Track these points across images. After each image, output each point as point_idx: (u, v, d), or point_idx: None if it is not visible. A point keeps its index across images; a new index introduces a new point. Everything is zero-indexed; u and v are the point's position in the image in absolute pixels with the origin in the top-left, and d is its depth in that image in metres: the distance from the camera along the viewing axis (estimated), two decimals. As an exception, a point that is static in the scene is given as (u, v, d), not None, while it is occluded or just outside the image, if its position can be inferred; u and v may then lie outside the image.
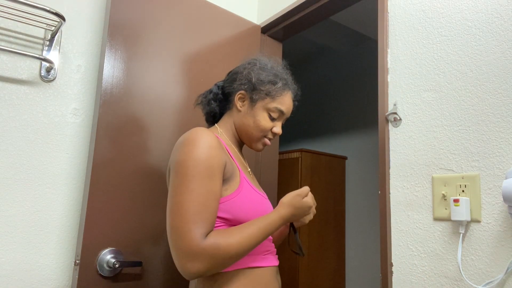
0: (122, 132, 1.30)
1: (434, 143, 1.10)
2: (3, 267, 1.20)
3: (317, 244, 2.84)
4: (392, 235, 1.16)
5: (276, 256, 1.09)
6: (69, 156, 1.35)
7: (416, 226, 1.11)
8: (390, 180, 1.20)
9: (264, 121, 1.09)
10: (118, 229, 1.26)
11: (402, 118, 1.19)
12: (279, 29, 1.79)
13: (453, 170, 1.04)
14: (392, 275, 1.15)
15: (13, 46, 1.28)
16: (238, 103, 1.11)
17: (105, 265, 1.21)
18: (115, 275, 1.23)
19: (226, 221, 0.96)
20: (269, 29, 1.83)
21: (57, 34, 1.33)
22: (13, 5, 1.24)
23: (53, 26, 1.32)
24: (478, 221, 0.98)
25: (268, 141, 1.13)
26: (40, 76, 1.32)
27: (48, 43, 1.33)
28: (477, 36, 1.04)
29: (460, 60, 1.07)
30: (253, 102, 1.09)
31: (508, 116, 0.95)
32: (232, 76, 1.15)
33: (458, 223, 1.00)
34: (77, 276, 1.17)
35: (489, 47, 1.01)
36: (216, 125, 1.15)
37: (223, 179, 0.97)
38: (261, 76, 1.10)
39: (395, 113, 1.20)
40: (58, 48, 1.36)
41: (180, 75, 1.48)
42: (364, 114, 3.08)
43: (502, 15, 1.00)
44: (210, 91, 1.20)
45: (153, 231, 1.33)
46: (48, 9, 1.21)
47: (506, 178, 0.90)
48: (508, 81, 0.96)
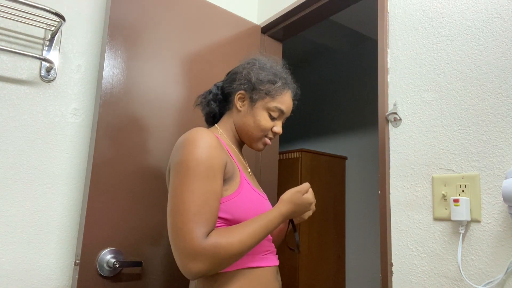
0: (122, 132, 1.30)
1: (434, 143, 1.10)
2: (3, 267, 1.20)
3: (317, 244, 2.84)
4: (392, 235, 1.16)
5: (276, 256, 1.09)
6: (69, 156, 1.35)
7: (416, 226, 1.11)
8: (390, 180, 1.20)
9: (265, 121, 1.09)
10: (118, 229, 1.26)
11: (402, 118, 1.19)
12: (279, 29, 1.79)
13: (453, 170, 1.04)
14: (392, 275, 1.15)
15: (13, 46, 1.28)
16: (238, 103, 1.11)
17: (105, 265, 1.21)
18: (115, 275, 1.23)
19: (226, 221, 0.96)
20: (269, 29, 1.83)
21: (57, 34, 1.33)
22: (13, 5, 1.25)
23: (53, 26, 1.32)
24: (478, 221, 0.98)
25: (269, 141, 1.13)
26: (40, 76, 1.32)
27: (48, 43, 1.33)
28: (477, 36, 1.04)
29: (460, 60, 1.07)
30: (253, 102, 1.09)
31: (508, 116, 0.95)
32: (232, 76, 1.15)
33: (458, 223, 1.00)
34: (77, 276, 1.17)
35: (489, 47, 1.01)
36: (216, 125, 1.15)
37: (224, 179, 0.97)
38: (261, 76, 1.09)
39: (395, 113, 1.20)
40: (58, 48, 1.36)
41: (180, 75, 1.48)
42: (364, 114, 3.08)
43: (502, 15, 1.00)
44: (210, 92, 1.20)
45: (153, 231, 1.33)
46: (48, 9, 1.21)
47: (506, 178, 0.90)
48: (508, 81, 0.96)
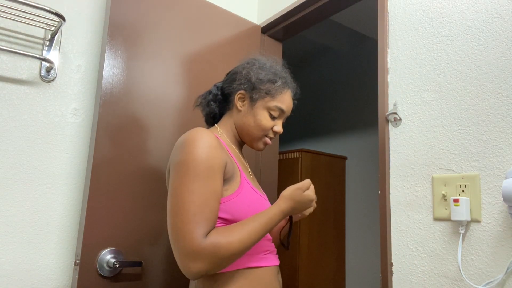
0: (122, 132, 1.30)
1: (434, 143, 1.10)
2: (3, 267, 1.20)
3: (317, 244, 2.84)
4: (392, 235, 1.16)
5: (277, 256, 1.09)
6: (69, 156, 1.35)
7: (416, 226, 1.11)
8: (390, 180, 1.20)
9: (265, 120, 1.09)
10: (118, 229, 1.26)
11: (402, 118, 1.19)
12: (279, 29, 1.79)
13: (453, 170, 1.04)
14: (392, 275, 1.15)
15: (13, 46, 1.28)
16: (238, 103, 1.11)
17: (105, 265, 1.21)
18: (115, 275, 1.23)
19: (226, 222, 0.96)
20: (269, 29, 1.83)
21: (57, 34, 1.33)
22: (13, 5, 1.25)
23: (53, 26, 1.32)
24: (478, 221, 0.98)
25: (269, 141, 1.13)
26: (40, 76, 1.32)
27: (48, 43, 1.33)
28: (477, 36, 1.04)
29: (460, 60, 1.07)
30: (253, 102, 1.09)
31: (508, 116, 0.95)
32: (231, 77, 1.15)
33: (458, 223, 1.00)
34: (77, 276, 1.17)
35: (489, 47, 1.01)
36: (216, 126, 1.15)
37: (224, 179, 0.97)
38: (261, 75, 1.09)
39: (395, 113, 1.20)
40: (58, 48, 1.36)
41: (180, 75, 1.48)
42: (364, 114, 3.08)
43: (502, 15, 1.00)
44: (209, 92, 1.20)
45: (153, 231, 1.33)
46: (48, 9, 1.21)
47: (506, 178, 0.90)
48: (508, 81, 0.96)
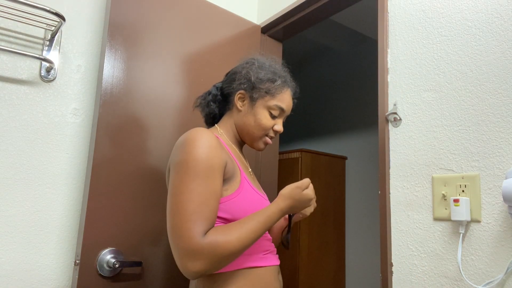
0: (122, 132, 1.30)
1: (434, 143, 1.10)
2: (3, 267, 1.20)
3: (317, 244, 2.84)
4: (392, 235, 1.16)
5: (277, 256, 1.08)
6: (69, 156, 1.35)
7: (416, 226, 1.11)
8: (390, 180, 1.20)
9: (265, 120, 1.09)
10: (118, 229, 1.26)
11: (402, 118, 1.19)
12: (279, 29, 1.79)
13: (453, 170, 1.04)
14: (392, 275, 1.15)
15: (13, 46, 1.28)
16: (238, 103, 1.11)
17: (105, 265, 1.21)
18: (115, 275, 1.23)
19: (226, 221, 0.96)
20: (269, 29, 1.83)
21: (57, 34, 1.33)
22: (13, 5, 1.25)
23: (53, 26, 1.32)
24: (478, 221, 0.98)
25: (270, 140, 1.13)
26: (40, 76, 1.32)
27: (48, 43, 1.33)
28: (477, 36, 1.04)
29: (460, 60, 1.07)
30: (253, 101, 1.10)
31: (508, 116, 0.95)
32: (231, 77, 1.15)
33: (458, 223, 1.00)
34: (77, 276, 1.17)
35: (489, 47, 1.01)
36: (216, 126, 1.15)
37: (224, 179, 0.97)
38: (260, 75, 1.10)
39: (395, 113, 1.20)
40: (58, 48, 1.36)
41: (180, 75, 1.48)
42: (364, 114, 3.08)
43: (502, 15, 1.00)
44: (209, 93, 1.20)
45: (153, 231, 1.33)
46: (48, 9, 1.21)
47: (506, 178, 0.90)
48: (508, 81, 0.96)
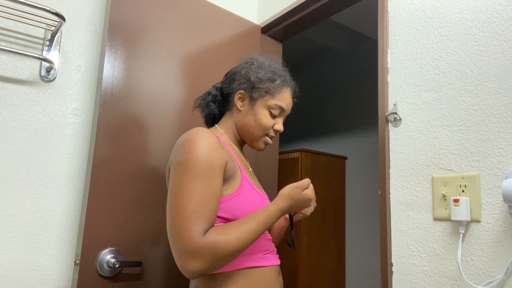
0: (122, 132, 1.30)
1: (434, 143, 1.10)
2: (3, 267, 1.20)
3: (317, 244, 2.84)
4: (392, 235, 1.16)
5: (277, 256, 1.08)
6: (69, 156, 1.35)
7: (416, 226, 1.11)
8: (390, 180, 1.20)
9: (265, 119, 1.09)
10: (118, 229, 1.26)
11: (402, 118, 1.19)
12: (279, 29, 1.79)
13: (453, 170, 1.04)
14: (392, 275, 1.15)
15: (13, 46, 1.28)
16: (238, 103, 1.11)
17: (105, 265, 1.21)
18: (115, 275, 1.23)
19: (226, 221, 0.96)
20: (269, 29, 1.83)
21: (57, 34, 1.33)
22: (13, 5, 1.25)
23: (53, 26, 1.32)
24: (478, 221, 0.98)
25: (270, 140, 1.13)
26: (40, 76, 1.32)
27: (48, 43, 1.33)
28: (477, 36, 1.04)
29: (460, 60, 1.07)
30: (253, 101, 1.10)
31: (508, 116, 0.95)
32: (231, 77, 1.15)
33: (458, 223, 1.00)
34: (77, 276, 1.17)
35: (489, 47, 1.01)
36: (216, 126, 1.15)
37: (224, 178, 0.97)
38: (260, 74, 1.10)
39: (395, 113, 1.20)
40: (58, 48, 1.36)
41: (180, 75, 1.48)
42: (364, 114, 3.08)
43: (502, 15, 1.00)
44: (209, 93, 1.20)
45: (153, 231, 1.33)
46: (48, 9, 1.21)
47: (506, 178, 0.90)
48: (508, 81, 0.96)
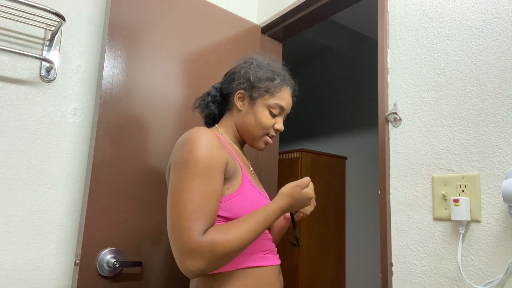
0: (122, 132, 1.30)
1: (434, 143, 1.10)
2: (3, 267, 1.20)
3: (317, 244, 2.84)
4: (392, 235, 1.16)
5: (277, 255, 1.09)
6: (69, 156, 1.35)
7: (416, 226, 1.11)
8: (390, 180, 1.20)
9: (266, 118, 1.09)
10: (118, 229, 1.26)
11: (402, 118, 1.19)
12: (279, 29, 1.79)
13: (453, 170, 1.04)
14: (392, 275, 1.15)
15: (13, 46, 1.28)
16: (238, 103, 1.11)
17: (105, 265, 1.21)
18: (115, 275, 1.23)
19: (227, 220, 0.96)
20: (269, 29, 1.83)
21: (57, 34, 1.33)
22: (13, 5, 1.25)
23: (53, 26, 1.32)
24: (478, 221, 0.98)
25: (270, 139, 1.13)
26: (40, 76, 1.32)
27: (48, 43, 1.33)
28: (477, 36, 1.04)
29: (460, 60, 1.07)
30: (253, 100, 1.10)
31: (508, 116, 0.95)
32: (230, 77, 1.15)
33: (458, 223, 1.00)
34: (77, 276, 1.17)
35: (489, 47, 1.01)
36: (217, 126, 1.15)
37: (225, 178, 0.97)
38: (259, 74, 1.10)
39: (395, 113, 1.20)
40: (58, 48, 1.36)
41: (180, 75, 1.48)
42: (364, 114, 3.08)
43: (502, 15, 1.00)
44: (208, 94, 1.20)
45: (153, 231, 1.33)
46: (48, 9, 1.21)
47: (506, 178, 0.90)
48: (508, 81, 0.96)
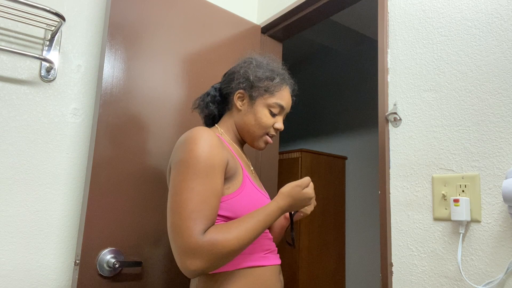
0: (122, 132, 1.30)
1: (434, 143, 1.10)
2: (3, 267, 1.20)
3: (317, 244, 2.84)
4: (392, 235, 1.16)
5: (278, 255, 1.09)
6: (69, 156, 1.35)
7: (416, 226, 1.11)
8: (390, 180, 1.20)
9: (266, 118, 1.09)
10: (118, 229, 1.26)
11: (402, 118, 1.19)
12: (279, 29, 1.79)
13: (453, 170, 1.04)
14: (392, 275, 1.15)
15: (13, 46, 1.28)
16: (238, 103, 1.11)
17: (105, 265, 1.21)
18: (115, 275, 1.23)
19: (228, 220, 0.96)
20: (269, 29, 1.83)
21: (57, 34, 1.33)
22: (13, 5, 1.25)
23: (53, 26, 1.32)
24: (478, 221, 0.98)
25: (270, 139, 1.13)
26: (40, 76, 1.32)
27: (48, 43, 1.33)
28: (477, 36, 1.04)
29: (460, 60, 1.07)
30: (253, 100, 1.10)
31: (508, 116, 0.95)
32: (229, 77, 1.15)
33: (458, 223, 1.00)
34: (77, 276, 1.17)
35: (489, 47, 1.01)
36: (216, 126, 1.15)
37: (226, 177, 0.97)
38: (258, 73, 1.10)
39: (395, 113, 1.20)
40: (58, 48, 1.36)
41: (180, 75, 1.48)
42: (364, 114, 3.08)
43: (502, 15, 1.00)
44: (208, 94, 1.20)
45: (153, 231, 1.33)
46: (48, 9, 1.21)
47: (506, 178, 0.90)
48: (508, 81, 0.96)
